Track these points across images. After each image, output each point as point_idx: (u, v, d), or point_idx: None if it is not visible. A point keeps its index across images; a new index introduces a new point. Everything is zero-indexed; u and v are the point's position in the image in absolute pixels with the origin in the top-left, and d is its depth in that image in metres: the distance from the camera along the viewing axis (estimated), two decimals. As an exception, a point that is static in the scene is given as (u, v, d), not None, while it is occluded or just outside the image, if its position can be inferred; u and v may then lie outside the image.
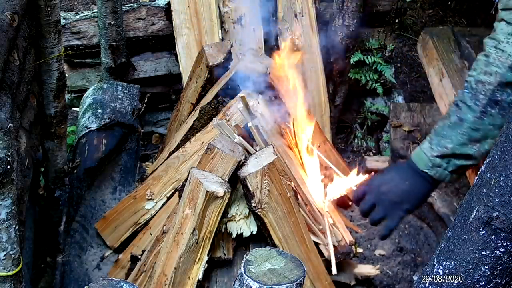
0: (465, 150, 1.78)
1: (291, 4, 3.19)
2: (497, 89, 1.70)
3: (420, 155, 1.86)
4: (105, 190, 2.79)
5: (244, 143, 2.15)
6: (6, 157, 1.53)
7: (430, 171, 1.83)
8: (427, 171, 1.84)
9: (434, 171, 1.83)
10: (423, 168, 1.84)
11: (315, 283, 2.22)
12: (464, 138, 1.77)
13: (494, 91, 1.71)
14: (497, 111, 1.72)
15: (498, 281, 1.31)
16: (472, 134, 1.76)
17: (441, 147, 1.81)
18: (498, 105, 1.71)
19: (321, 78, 3.23)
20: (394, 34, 3.64)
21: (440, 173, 1.83)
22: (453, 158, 1.80)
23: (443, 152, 1.80)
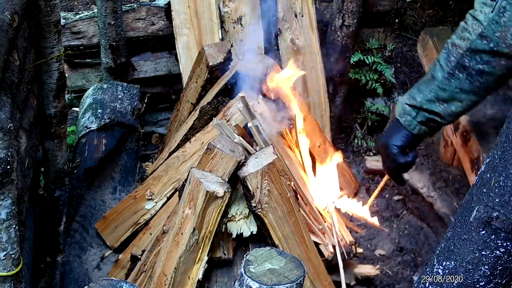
0: (431, 107, 1.85)
1: (291, 4, 3.19)
2: (466, 55, 1.76)
3: (398, 104, 1.97)
4: (105, 190, 2.79)
5: (244, 143, 2.15)
6: (6, 157, 1.54)
7: (401, 118, 1.92)
8: (399, 118, 1.93)
9: (404, 119, 1.91)
10: (397, 115, 1.94)
11: (315, 283, 2.22)
12: (432, 95, 1.85)
13: (463, 56, 1.77)
14: (465, 76, 1.78)
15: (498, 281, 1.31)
16: (439, 93, 1.83)
17: (412, 99, 1.89)
18: (465, 70, 1.77)
19: (321, 78, 3.23)
20: (394, 34, 3.64)
21: (410, 121, 1.90)
22: (421, 111, 1.88)
23: (412, 103, 1.88)
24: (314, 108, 3.20)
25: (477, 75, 1.76)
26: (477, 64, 1.75)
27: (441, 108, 1.85)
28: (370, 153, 3.49)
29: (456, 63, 1.79)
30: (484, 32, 1.71)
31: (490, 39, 1.70)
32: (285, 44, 3.20)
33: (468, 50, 1.76)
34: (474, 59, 1.75)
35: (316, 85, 3.22)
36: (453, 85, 1.81)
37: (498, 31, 1.68)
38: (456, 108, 1.84)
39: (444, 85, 1.82)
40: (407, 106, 1.90)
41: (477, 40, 1.73)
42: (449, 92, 1.82)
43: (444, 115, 1.86)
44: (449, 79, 1.81)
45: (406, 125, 1.91)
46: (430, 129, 1.93)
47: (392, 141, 1.95)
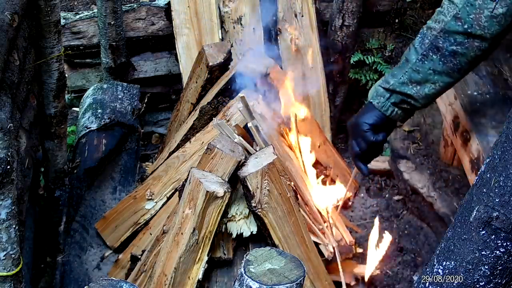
0: (404, 89, 1.88)
1: (291, 4, 3.19)
2: (440, 36, 1.79)
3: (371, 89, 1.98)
4: (105, 190, 2.79)
5: (244, 143, 2.15)
6: (6, 157, 1.54)
7: (374, 100, 1.94)
8: (372, 101, 1.94)
9: (377, 100, 1.93)
10: (370, 98, 1.96)
11: (315, 283, 2.22)
12: (405, 77, 1.87)
13: (437, 37, 1.80)
14: (438, 57, 1.81)
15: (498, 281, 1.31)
16: (413, 75, 1.86)
17: (386, 82, 1.91)
18: (439, 52, 1.80)
19: (321, 78, 3.23)
20: (394, 34, 3.64)
21: (383, 103, 1.92)
22: (394, 93, 1.90)
23: (385, 86, 1.91)
24: (314, 108, 3.20)
25: (450, 56, 1.80)
26: (450, 45, 1.78)
27: (414, 90, 1.88)
28: (370, 153, 3.48)
29: (430, 45, 1.82)
30: (459, 14, 1.75)
31: (464, 20, 1.74)
32: (285, 44, 3.19)
33: (442, 31, 1.79)
34: (448, 40, 1.78)
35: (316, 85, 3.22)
36: (427, 66, 1.84)
37: (472, 13, 1.72)
38: (429, 90, 1.87)
39: (418, 66, 1.85)
40: (380, 88, 1.93)
41: (451, 22, 1.77)
42: (422, 74, 1.85)
43: (417, 97, 1.89)
44: (422, 61, 1.84)
45: (379, 107, 1.93)
46: (403, 112, 1.95)
47: (363, 119, 1.96)
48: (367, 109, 1.98)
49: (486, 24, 1.72)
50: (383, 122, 1.96)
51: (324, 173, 2.91)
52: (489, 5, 1.70)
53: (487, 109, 2.28)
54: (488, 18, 1.71)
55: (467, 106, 2.31)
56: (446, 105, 2.51)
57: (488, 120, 2.23)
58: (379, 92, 1.94)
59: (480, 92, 2.36)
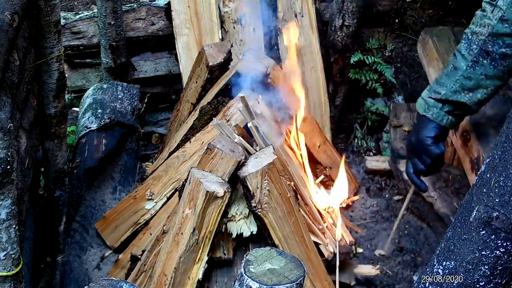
0: (458, 97, 1.87)
1: (291, 4, 3.19)
2: (488, 40, 1.78)
3: (419, 102, 1.96)
4: (105, 190, 2.79)
5: (244, 143, 2.15)
6: (6, 157, 1.53)
7: (427, 113, 1.92)
8: (425, 114, 1.93)
9: (431, 112, 1.91)
10: (421, 111, 1.94)
11: (315, 283, 2.22)
12: (457, 85, 1.86)
13: (486, 42, 1.79)
14: (488, 61, 1.80)
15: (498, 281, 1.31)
16: (465, 82, 1.85)
17: (436, 93, 1.90)
18: (489, 56, 1.79)
19: (321, 78, 3.23)
20: (394, 34, 3.64)
21: (437, 113, 1.91)
22: (447, 103, 1.89)
23: (437, 97, 1.89)
24: (314, 108, 3.20)
25: (501, 59, 1.79)
26: (500, 48, 1.77)
27: (467, 97, 1.86)
28: (370, 153, 3.49)
29: (479, 50, 1.80)
30: (505, 16, 1.73)
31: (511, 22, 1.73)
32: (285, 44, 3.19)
33: (490, 35, 1.78)
34: (496, 43, 1.77)
35: (316, 85, 3.22)
36: (478, 72, 1.82)
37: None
38: (482, 95, 1.86)
39: (469, 73, 1.83)
40: (431, 100, 1.91)
41: (498, 24, 1.75)
42: (474, 80, 1.83)
43: (471, 104, 1.87)
44: (473, 67, 1.82)
45: (434, 118, 1.92)
46: (456, 119, 1.94)
47: (424, 134, 1.94)
48: (422, 123, 1.95)
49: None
50: (442, 132, 1.95)
51: (324, 173, 2.91)
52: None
53: (487, 109, 2.28)
54: None
55: (467, 106, 2.31)
56: (446, 105, 2.51)
57: (488, 120, 2.23)
58: (430, 104, 1.92)
59: (480, 92, 2.35)
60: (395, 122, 3.21)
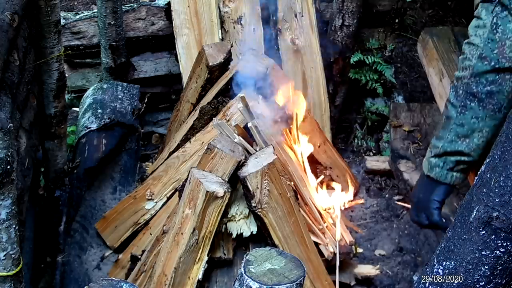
0: (455, 147, 1.83)
1: (291, 4, 3.19)
2: (471, 81, 1.75)
3: (424, 162, 1.92)
4: (105, 190, 2.79)
5: (244, 143, 2.15)
6: (6, 157, 1.53)
7: (430, 173, 1.88)
8: (429, 174, 1.89)
9: (434, 172, 1.87)
10: (426, 172, 1.90)
11: (315, 283, 2.22)
12: (452, 135, 1.83)
13: (469, 84, 1.76)
14: (476, 103, 1.76)
15: (498, 281, 1.31)
16: (458, 129, 1.82)
17: (435, 148, 1.86)
18: (475, 97, 1.76)
19: (321, 78, 3.22)
20: (394, 34, 3.64)
21: (439, 172, 1.87)
22: (446, 156, 1.85)
23: (436, 152, 1.86)
24: (314, 108, 3.20)
25: (487, 97, 1.75)
26: (484, 87, 1.74)
27: (464, 144, 1.82)
28: (370, 153, 3.49)
29: (465, 93, 1.77)
30: (483, 53, 1.71)
31: (490, 58, 1.70)
32: (285, 44, 3.19)
33: (472, 76, 1.74)
34: (480, 83, 1.74)
35: (316, 85, 3.22)
36: (469, 116, 1.79)
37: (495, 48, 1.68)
38: (478, 139, 1.81)
39: (460, 120, 1.80)
40: (432, 159, 1.88)
41: (478, 63, 1.72)
42: (467, 125, 1.80)
43: (469, 151, 1.83)
44: (463, 112, 1.79)
45: (438, 177, 1.88)
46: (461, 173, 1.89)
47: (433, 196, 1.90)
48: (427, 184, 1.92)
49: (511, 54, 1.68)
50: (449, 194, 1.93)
51: (324, 173, 2.91)
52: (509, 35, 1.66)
53: (487, 109, 2.27)
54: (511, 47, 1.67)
55: (467, 106, 2.31)
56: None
57: (488, 120, 2.22)
58: (432, 163, 1.89)
59: (480, 92, 2.35)
60: (395, 122, 3.21)
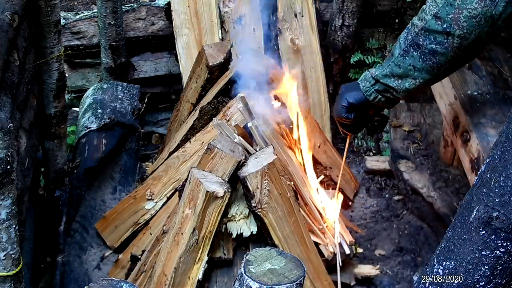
0: (387, 81, 1.96)
1: (291, 4, 3.19)
2: (420, 34, 1.83)
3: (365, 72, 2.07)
4: (105, 190, 2.79)
5: (244, 143, 2.15)
6: (6, 157, 1.53)
7: (361, 83, 2.04)
8: (359, 82, 2.04)
9: (363, 84, 2.03)
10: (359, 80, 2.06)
11: (315, 283, 2.22)
12: (387, 70, 1.94)
13: (418, 34, 1.84)
14: (418, 54, 1.85)
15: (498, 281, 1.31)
16: (395, 69, 1.92)
17: (374, 70, 2.00)
18: (419, 49, 1.84)
19: (321, 78, 3.22)
20: (394, 34, 3.63)
21: (367, 88, 2.02)
22: (378, 83, 1.99)
23: (372, 74, 2.00)
24: (314, 108, 3.20)
25: (430, 54, 1.83)
26: (430, 44, 1.81)
27: (395, 83, 1.94)
28: (370, 153, 3.49)
29: (411, 41, 1.86)
30: (438, 13, 1.77)
31: (443, 20, 1.76)
32: (285, 44, 3.19)
33: (423, 29, 1.82)
34: (428, 39, 1.81)
35: (316, 85, 3.22)
36: (407, 62, 1.88)
37: (451, 12, 1.74)
38: (410, 85, 1.92)
39: (399, 61, 1.90)
40: (368, 73, 2.02)
41: (431, 20, 1.79)
42: (403, 69, 1.90)
43: (399, 90, 1.95)
44: (403, 56, 1.89)
45: (364, 90, 2.02)
46: (386, 100, 2.03)
47: (347, 96, 2.06)
48: (354, 87, 2.07)
49: (465, 24, 1.73)
50: (361, 104, 2.05)
51: (324, 173, 2.91)
52: (468, 5, 1.71)
53: (487, 109, 2.28)
54: (467, 18, 1.72)
55: (467, 106, 2.31)
56: (446, 105, 2.51)
57: (488, 120, 2.23)
58: (366, 77, 2.02)
59: (480, 92, 2.36)
60: (395, 122, 3.21)
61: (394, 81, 1.93)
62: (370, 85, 2.00)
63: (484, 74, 2.44)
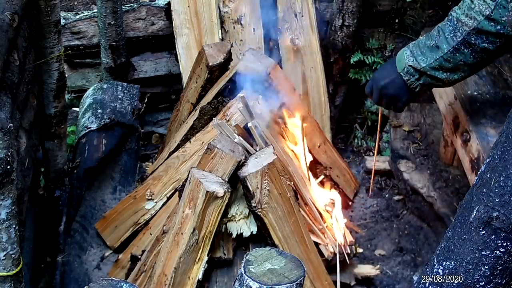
0: (435, 74, 1.98)
1: (291, 4, 3.19)
2: (472, 33, 1.86)
3: (402, 57, 2.05)
4: (105, 190, 2.79)
5: (244, 143, 2.15)
6: (6, 157, 1.53)
7: (404, 76, 2.04)
8: (402, 75, 2.04)
9: (407, 77, 2.03)
10: (400, 70, 2.05)
11: (315, 283, 2.22)
12: (436, 64, 1.96)
13: (470, 34, 1.86)
14: (469, 51, 1.89)
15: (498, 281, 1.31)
16: (444, 63, 1.95)
17: (417, 63, 1.99)
18: (471, 47, 1.88)
19: (321, 78, 3.22)
20: (394, 34, 3.63)
21: (412, 81, 2.03)
22: (424, 75, 2.00)
23: (416, 67, 2.00)
24: (314, 108, 3.20)
25: (481, 52, 1.87)
26: (482, 43, 1.85)
27: (444, 75, 1.97)
28: (370, 153, 3.48)
29: (462, 39, 1.88)
30: (492, 15, 1.80)
31: (497, 22, 1.80)
32: (285, 44, 3.19)
33: (475, 30, 1.85)
34: (480, 38, 1.85)
35: (316, 85, 3.22)
36: (458, 58, 1.91)
37: (505, 15, 1.78)
38: (459, 76, 1.97)
39: (449, 57, 1.93)
40: (410, 68, 2.01)
41: (484, 21, 1.82)
42: (453, 64, 1.93)
43: (446, 81, 1.99)
44: (454, 53, 1.91)
45: (409, 84, 2.04)
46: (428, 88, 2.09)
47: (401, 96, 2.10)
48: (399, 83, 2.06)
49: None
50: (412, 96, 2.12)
51: (324, 173, 2.91)
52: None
53: (487, 109, 2.28)
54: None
55: (467, 106, 2.31)
56: (446, 105, 2.51)
57: (488, 120, 2.23)
58: (410, 72, 2.02)
59: (480, 92, 2.36)
60: (395, 122, 3.21)
61: (443, 73, 1.97)
62: (415, 79, 2.02)
63: (484, 74, 2.44)
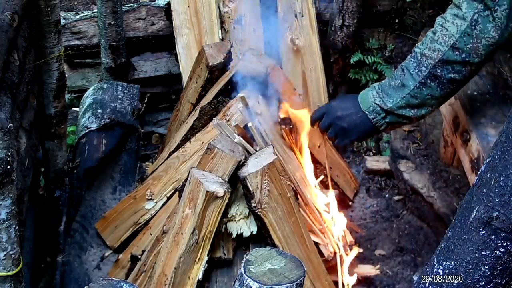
0: (402, 112, 1.95)
1: (291, 4, 3.19)
2: (437, 65, 1.84)
3: (366, 96, 2.02)
4: (105, 190, 2.79)
5: (244, 143, 2.15)
6: (6, 157, 1.53)
7: (369, 114, 2.01)
8: (367, 113, 2.01)
9: (373, 116, 2.00)
10: (364, 109, 2.01)
11: (315, 283, 2.22)
12: (403, 102, 1.93)
13: (435, 66, 1.85)
14: (436, 84, 1.87)
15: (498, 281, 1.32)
16: (411, 100, 1.92)
17: (383, 103, 1.97)
18: (437, 79, 1.86)
19: (321, 78, 3.22)
20: (394, 34, 3.63)
21: (378, 120, 2.01)
22: (391, 114, 1.97)
23: (383, 107, 1.97)
24: (314, 108, 3.19)
25: (448, 83, 1.86)
26: (448, 74, 1.84)
27: (412, 112, 1.95)
28: (370, 153, 3.48)
29: (428, 73, 1.86)
30: (456, 44, 1.79)
31: (462, 50, 1.79)
32: (285, 44, 3.19)
33: (440, 61, 1.83)
34: (445, 69, 1.83)
35: (316, 85, 3.21)
36: (425, 93, 1.90)
37: (470, 42, 1.77)
38: (426, 111, 1.95)
39: (416, 93, 1.90)
40: (377, 106, 1.99)
41: (449, 51, 1.81)
42: (420, 99, 1.91)
43: (414, 117, 1.97)
44: (420, 88, 1.89)
45: (375, 122, 2.02)
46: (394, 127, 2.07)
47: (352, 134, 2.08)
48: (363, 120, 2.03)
49: (484, 52, 1.78)
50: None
51: (324, 173, 2.91)
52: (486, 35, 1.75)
53: (487, 109, 2.28)
54: (485, 47, 1.77)
55: (467, 106, 2.31)
56: (446, 105, 2.51)
57: (488, 120, 2.23)
58: (376, 110, 2.00)
59: (480, 92, 2.36)
60: (395, 122, 3.21)
61: (410, 110, 1.94)
62: (381, 118, 2.00)
63: (484, 74, 2.44)
